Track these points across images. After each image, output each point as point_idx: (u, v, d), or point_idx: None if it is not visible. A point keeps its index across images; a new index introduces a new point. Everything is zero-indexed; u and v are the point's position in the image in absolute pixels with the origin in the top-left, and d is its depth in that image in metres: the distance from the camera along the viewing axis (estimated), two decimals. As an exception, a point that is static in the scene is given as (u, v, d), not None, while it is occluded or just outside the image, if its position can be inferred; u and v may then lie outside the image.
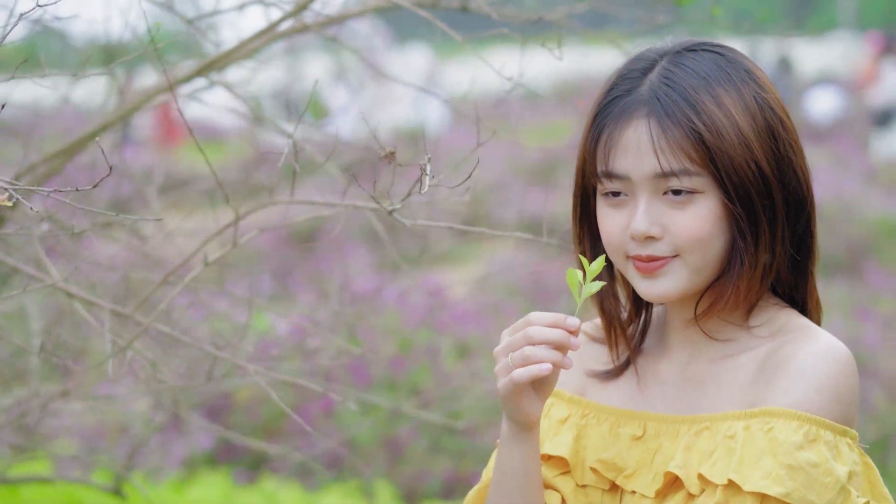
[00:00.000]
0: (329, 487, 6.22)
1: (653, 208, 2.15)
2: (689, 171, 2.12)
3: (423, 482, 6.38)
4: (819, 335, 2.15)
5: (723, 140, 2.11)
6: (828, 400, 2.09)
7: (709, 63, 2.17)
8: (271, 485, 6.10)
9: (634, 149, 2.14)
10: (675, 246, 2.15)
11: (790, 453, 2.05)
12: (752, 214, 2.13)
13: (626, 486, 2.23)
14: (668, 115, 2.13)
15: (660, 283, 2.17)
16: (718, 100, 2.13)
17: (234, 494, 5.92)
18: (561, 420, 2.33)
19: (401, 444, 6.50)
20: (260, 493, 5.92)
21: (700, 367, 2.24)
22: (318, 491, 6.21)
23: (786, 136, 2.17)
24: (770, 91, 2.18)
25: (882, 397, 7.08)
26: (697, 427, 2.17)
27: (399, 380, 6.84)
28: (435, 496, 6.32)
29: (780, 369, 2.13)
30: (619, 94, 2.18)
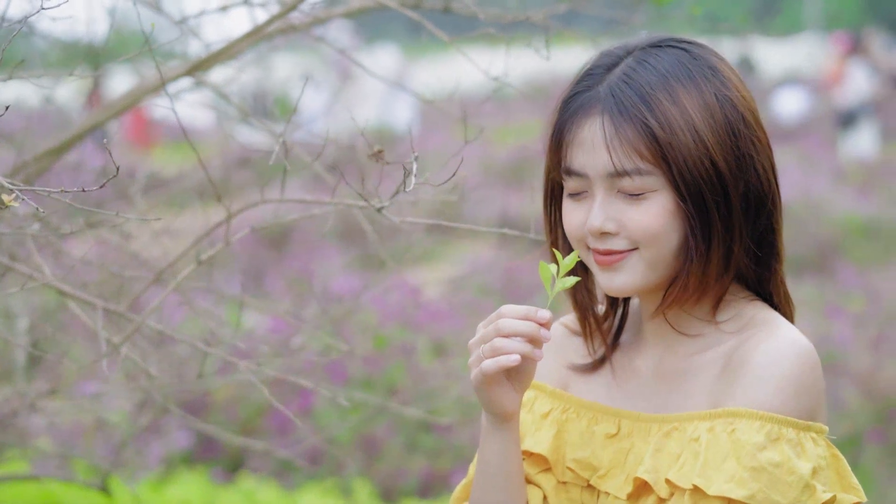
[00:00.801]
0: (307, 486, 6.24)
1: (608, 204, 2.16)
2: (641, 169, 2.13)
3: (400, 480, 6.41)
4: (780, 330, 2.16)
5: (676, 137, 2.11)
6: (789, 396, 2.09)
7: (671, 60, 2.17)
8: (250, 484, 6.12)
9: (589, 146, 2.16)
10: (631, 240, 2.17)
11: (752, 455, 2.06)
12: (704, 212, 2.13)
13: (599, 487, 2.25)
14: (621, 112, 2.14)
15: (618, 276, 2.19)
16: (675, 97, 2.13)
17: (213, 493, 5.93)
18: (543, 415, 2.35)
19: (377, 442, 6.53)
20: (238, 492, 5.93)
21: (672, 363, 2.25)
22: (296, 490, 6.23)
23: (747, 133, 2.16)
24: (734, 88, 2.18)
25: (854, 394, 7.13)
26: (667, 427, 2.19)
27: (375, 378, 6.86)
28: (412, 494, 6.35)
29: (742, 367, 2.13)
30: (581, 90, 2.20)
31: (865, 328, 8.36)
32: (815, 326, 8.35)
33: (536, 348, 2.15)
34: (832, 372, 7.49)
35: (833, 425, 6.25)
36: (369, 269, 10.60)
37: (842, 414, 6.98)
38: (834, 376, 7.41)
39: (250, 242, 11.66)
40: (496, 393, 2.19)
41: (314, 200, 2.79)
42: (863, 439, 6.87)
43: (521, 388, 2.22)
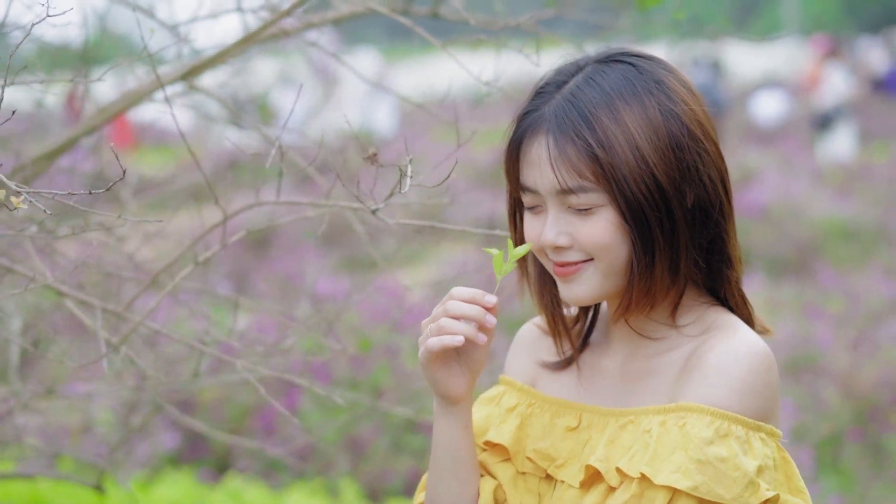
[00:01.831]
0: (293, 486, 6.28)
1: (560, 219, 2.23)
2: (584, 187, 2.19)
3: (386, 480, 6.46)
4: (738, 333, 2.22)
5: (616, 157, 2.17)
6: (741, 396, 2.15)
7: (617, 76, 2.22)
8: (237, 483, 6.15)
9: (538, 164, 2.23)
10: (585, 252, 2.23)
11: (700, 448, 2.12)
12: (646, 228, 2.19)
13: (556, 476, 2.32)
14: (564, 132, 2.19)
15: (575, 287, 2.26)
16: (617, 116, 2.18)
17: (200, 493, 5.97)
18: (510, 408, 2.43)
19: (363, 443, 6.57)
20: (225, 492, 5.96)
21: (636, 364, 2.33)
22: (283, 490, 6.27)
23: (693, 146, 2.21)
24: (681, 101, 2.23)
25: (834, 394, 7.19)
26: (623, 420, 2.26)
27: (360, 379, 6.90)
28: (398, 494, 6.40)
29: (697, 366, 2.20)
30: (532, 108, 2.26)
31: (845, 329, 8.43)
32: (795, 327, 8.42)
33: (482, 332, 2.22)
34: (813, 372, 7.57)
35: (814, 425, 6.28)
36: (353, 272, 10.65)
37: (822, 414, 7.05)
38: (814, 376, 7.49)
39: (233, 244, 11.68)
40: (442, 373, 2.27)
41: (309, 202, 2.83)
42: (843, 438, 6.93)
43: (470, 373, 2.30)
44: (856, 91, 20.91)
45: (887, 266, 11.05)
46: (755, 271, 11.18)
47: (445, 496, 2.39)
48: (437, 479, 2.38)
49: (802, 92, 23.26)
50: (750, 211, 12.69)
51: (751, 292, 8.35)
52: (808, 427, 6.89)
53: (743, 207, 12.82)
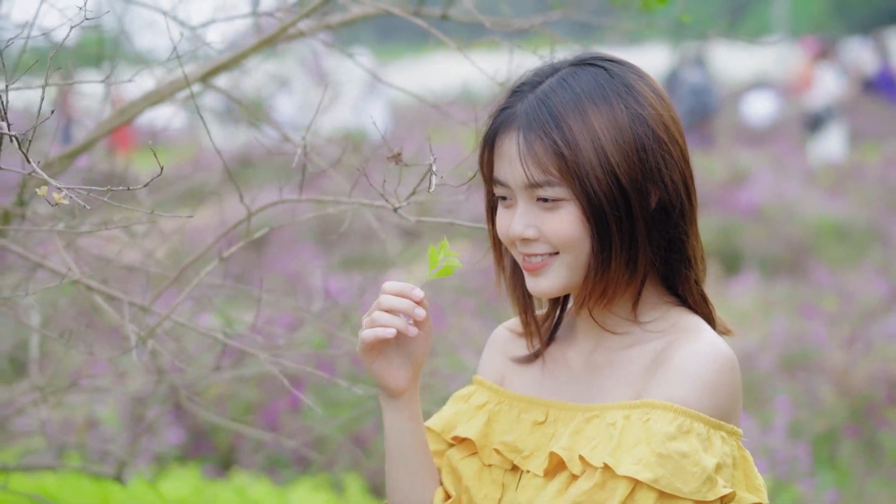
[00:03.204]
0: (297, 482, 6.35)
1: (528, 212, 2.33)
2: (550, 181, 2.28)
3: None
4: (702, 334, 2.33)
5: (580, 155, 2.26)
6: (704, 395, 2.25)
7: (588, 79, 2.32)
8: (242, 479, 6.21)
9: (508, 159, 2.33)
10: (551, 245, 2.33)
11: (662, 443, 2.21)
12: (604, 223, 2.29)
13: (523, 466, 2.41)
14: (533, 130, 2.29)
15: (542, 280, 2.37)
16: (584, 116, 2.28)
17: (206, 489, 6.02)
18: (479, 406, 2.53)
19: (366, 439, 6.63)
20: (231, 488, 6.02)
21: (601, 357, 2.42)
22: (287, 485, 6.33)
23: (657, 149, 2.30)
24: (649, 106, 2.32)
25: (829, 392, 7.27)
26: (588, 415, 2.35)
27: (362, 375, 6.96)
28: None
29: (663, 365, 2.30)
30: (507, 105, 2.36)
31: (839, 327, 8.51)
32: (789, 325, 8.50)
33: (415, 325, 2.35)
34: (808, 369, 7.65)
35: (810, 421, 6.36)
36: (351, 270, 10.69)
37: (818, 411, 7.13)
38: (809, 374, 7.57)
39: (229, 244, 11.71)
40: (381, 365, 2.39)
41: (332, 200, 2.90)
42: (839, 435, 7.01)
43: (412, 365, 2.42)
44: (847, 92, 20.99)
45: (879, 265, 11.13)
46: (749, 270, 11.26)
47: (400, 487, 2.50)
48: (390, 470, 2.50)
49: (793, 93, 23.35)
50: (743, 211, 12.78)
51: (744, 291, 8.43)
52: (803, 423, 6.96)
53: (736, 207, 12.91)
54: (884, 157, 17.31)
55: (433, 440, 2.55)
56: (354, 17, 3.65)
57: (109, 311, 2.84)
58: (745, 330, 9.01)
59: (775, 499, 5.98)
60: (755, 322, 9.25)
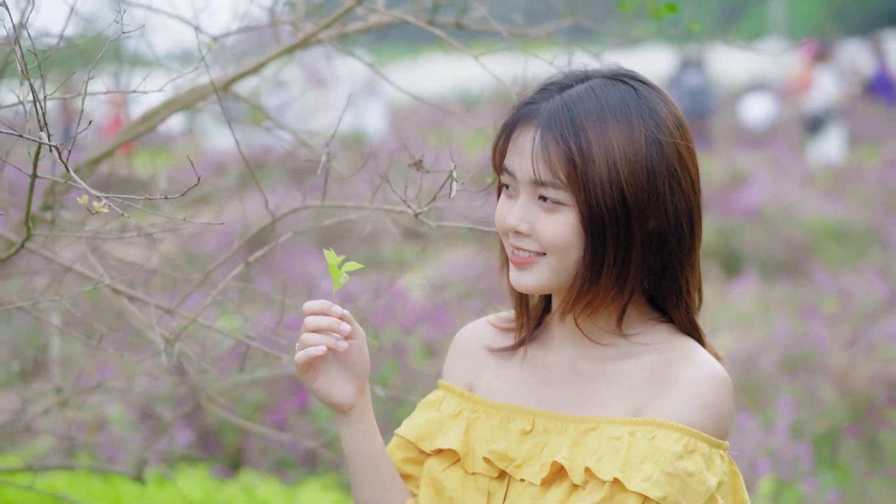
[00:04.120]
0: (305, 482, 6.40)
1: (527, 208, 2.37)
2: (556, 184, 2.32)
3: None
4: (704, 357, 2.38)
5: (592, 166, 2.30)
6: (707, 416, 2.32)
7: (616, 94, 2.35)
8: (251, 479, 6.27)
9: (521, 152, 2.37)
10: (541, 245, 2.37)
11: (670, 462, 2.27)
12: (601, 237, 2.32)
13: (515, 475, 2.43)
14: (552, 130, 2.33)
15: (525, 276, 2.40)
16: (604, 129, 2.31)
17: (215, 489, 6.08)
18: (453, 415, 2.55)
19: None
20: (240, 488, 6.08)
21: (587, 366, 2.45)
22: (295, 486, 6.39)
23: (667, 177, 2.33)
24: (668, 133, 2.35)
25: (831, 392, 7.34)
26: (584, 427, 2.39)
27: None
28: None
29: (668, 386, 2.35)
30: (533, 100, 2.40)
31: (839, 328, 8.58)
32: (790, 326, 8.58)
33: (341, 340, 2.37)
34: (810, 370, 7.72)
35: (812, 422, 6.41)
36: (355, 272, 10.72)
37: (820, 411, 7.20)
38: (810, 374, 7.64)
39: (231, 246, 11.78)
40: (322, 383, 2.43)
41: (354, 206, 2.97)
42: (840, 435, 7.08)
43: (355, 378, 2.45)
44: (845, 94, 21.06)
45: (879, 267, 11.21)
46: (748, 272, 11.33)
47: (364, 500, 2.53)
48: (353, 485, 2.53)
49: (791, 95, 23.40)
50: (742, 212, 12.84)
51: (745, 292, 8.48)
52: (804, 424, 7.03)
53: (735, 209, 12.97)
54: (882, 159, 17.37)
55: (404, 448, 2.57)
56: (371, 25, 3.72)
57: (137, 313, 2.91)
58: (746, 331, 9.08)
59: (779, 499, 6.06)
60: (756, 323, 9.33)
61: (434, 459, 2.53)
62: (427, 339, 7.85)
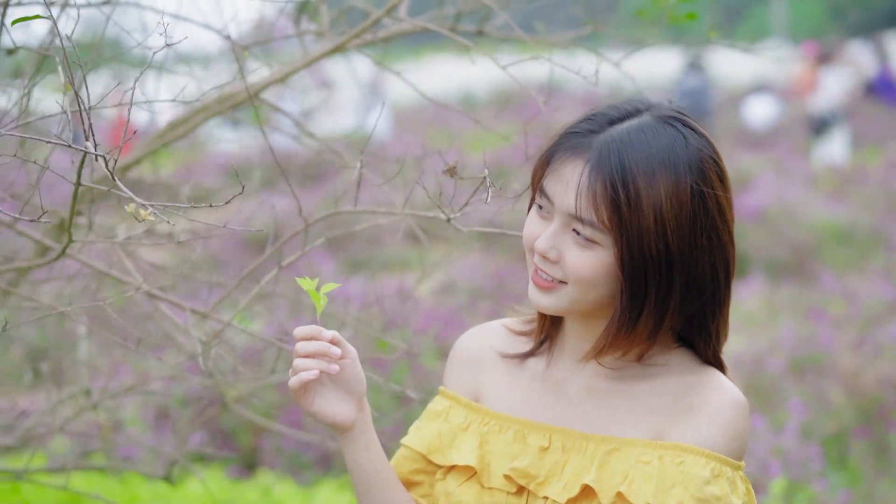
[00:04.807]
0: (320, 482, 6.45)
1: (559, 235, 2.38)
2: (595, 224, 2.33)
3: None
4: (725, 383, 2.42)
5: (638, 215, 2.31)
6: (730, 441, 2.38)
7: (667, 141, 2.35)
8: (267, 479, 6.32)
9: (564, 183, 2.36)
10: (564, 274, 2.38)
11: (700, 487, 2.33)
12: (641, 284, 2.34)
13: (538, 492, 2.45)
14: (601, 172, 2.32)
15: (543, 298, 2.42)
16: (652, 180, 2.31)
17: (231, 489, 6.12)
18: (462, 427, 2.56)
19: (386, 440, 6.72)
20: (257, 488, 6.12)
21: (603, 385, 2.48)
22: (311, 486, 6.44)
23: (708, 230, 2.35)
24: (712, 186, 2.35)
25: (839, 394, 7.40)
26: (607, 447, 2.42)
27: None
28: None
29: (692, 411, 2.40)
30: (584, 130, 2.39)
31: (846, 330, 8.63)
32: (797, 328, 8.63)
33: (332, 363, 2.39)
34: (818, 373, 7.77)
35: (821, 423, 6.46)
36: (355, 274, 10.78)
37: (829, 413, 7.25)
38: (820, 377, 7.70)
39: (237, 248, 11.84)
40: (319, 405, 2.43)
41: (386, 211, 3.02)
42: (849, 437, 7.13)
43: (352, 397, 2.46)
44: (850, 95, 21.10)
45: (884, 269, 11.27)
46: (754, 273, 11.38)
47: None
48: (358, 500, 2.55)
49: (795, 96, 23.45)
50: (747, 214, 12.89)
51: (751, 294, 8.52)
52: (813, 425, 7.08)
53: (739, 211, 13.01)
54: (885, 162, 17.42)
55: (413, 459, 2.59)
56: (394, 32, 3.77)
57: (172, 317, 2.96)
58: (754, 333, 9.13)
59: (791, 499, 6.11)
60: (763, 325, 9.38)
61: (450, 476, 2.54)
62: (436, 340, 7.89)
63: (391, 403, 6.60)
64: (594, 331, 2.46)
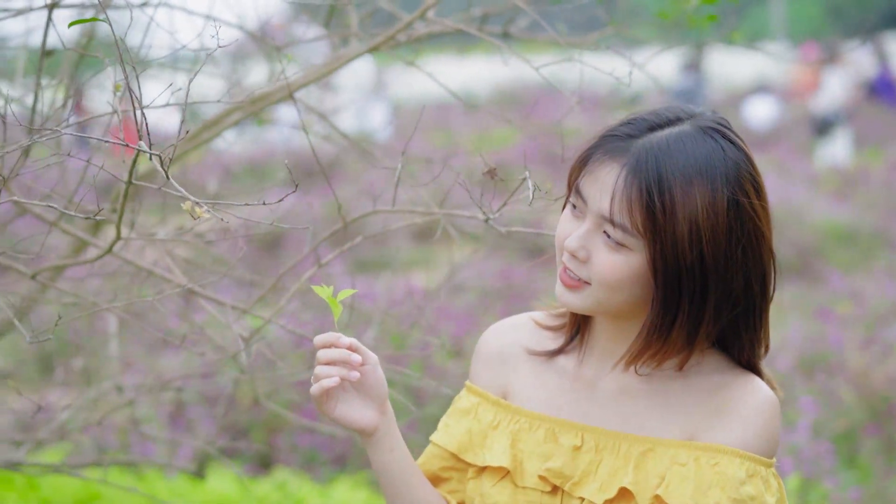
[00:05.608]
0: (336, 480, 6.49)
1: (590, 235, 2.39)
2: (627, 229, 2.34)
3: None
4: (760, 384, 2.44)
5: (673, 224, 2.32)
6: (763, 441, 2.42)
7: (706, 151, 2.35)
8: (283, 476, 6.35)
9: (600, 185, 2.37)
10: (590, 274, 2.40)
11: (736, 488, 2.37)
12: (675, 291, 2.36)
13: (573, 493, 2.48)
14: (637, 178, 2.33)
15: (568, 296, 2.44)
16: (688, 187, 2.32)
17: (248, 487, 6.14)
18: (492, 426, 2.58)
19: (402, 437, 6.75)
20: (273, 485, 6.14)
21: (635, 384, 2.50)
22: (326, 483, 6.47)
23: (745, 242, 2.35)
24: (751, 197, 2.36)
25: (849, 392, 7.45)
26: (641, 448, 2.45)
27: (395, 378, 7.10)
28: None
29: (724, 412, 2.43)
30: (623, 134, 2.40)
31: (854, 329, 8.68)
32: (805, 328, 8.68)
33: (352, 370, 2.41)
34: (828, 371, 7.82)
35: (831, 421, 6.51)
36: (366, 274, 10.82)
37: (839, 411, 7.30)
38: (829, 375, 7.74)
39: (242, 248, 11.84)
40: (342, 411, 2.47)
41: (422, 211, 3.07)
42: (859, 435, 7.18)
43: (374, 401, 2.48)
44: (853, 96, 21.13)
45: (889, 268, 11.32)
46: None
47: None
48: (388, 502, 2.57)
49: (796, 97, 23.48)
50: (751, 215, 12.88)
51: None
52: (823, 423, 7.13)
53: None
54: (888, 163, 17.45)
55: (443, 458, 2.61)
56: (424, 34, 3.82)
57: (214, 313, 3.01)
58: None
59: (805, 497, 6.16)
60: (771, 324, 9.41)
61: (484, 476, 2.56)
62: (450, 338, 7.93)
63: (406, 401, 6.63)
64: (624, 333, 2.48)
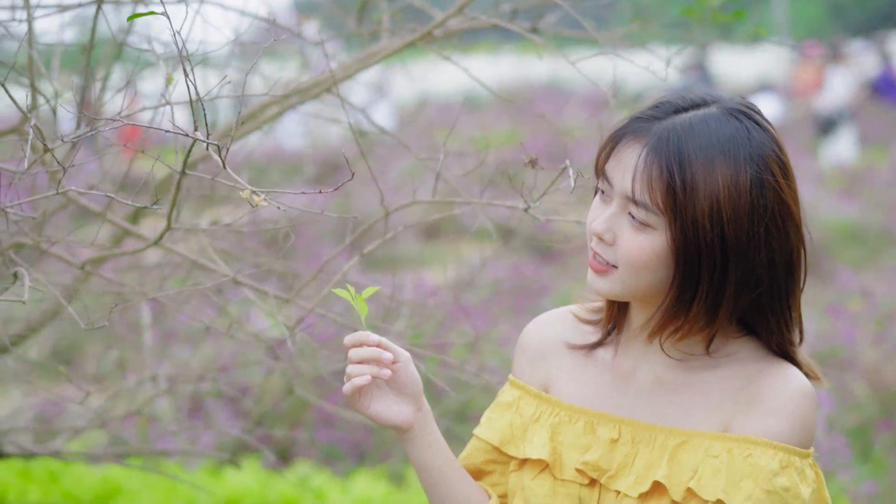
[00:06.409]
0: (354, 473, 6.54)
1: (616, 218, 2.40)
2: (649, 207, 2.35)
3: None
4: (794, 372, 2.42)
5: (693, 201, 2.32)
6: (798, 431, 2.39)
7: (729, 131, 2.36)
8: (304, 469, 6.40)
9: (623, 166, 2.39)
10: (616, 257, 2.41)
11: (769, 479, 2.36)
12: (695, 269, 2.36)
13: (609, 486, 2.48)
14: (658, 156, 2.34)
15: (597, 281, 2.45)
16: (710, 166, 2.33)
17: (269, 479, 6.20)
18: (533, 418, 2.59)
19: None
20: (294, 478, 6.19)
21: (671, 376, 2.50)
22: (346, 477, 6.52)
23: (767, 221, 2.34)
24: (776, 175, 2.37)
25: (863, 387, 7.49)
26: (675, 440, 2.45)
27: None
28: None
29: (757, 401, 2.41)
30: (648, 116, 2.41)
31: (866, 325, 8.72)
32: (817, 324, 8.72)
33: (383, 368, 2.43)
34: (840, 367, 7.87)
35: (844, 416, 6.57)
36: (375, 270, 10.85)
37: (852, 406, 7.35)
38: (842, 371, 7.79)
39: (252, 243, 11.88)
40: (377, 408, 2.49)
41: (463, 201, 3.12)
42: (873, 429, 7.22)
43: (408, 399, 2.50)
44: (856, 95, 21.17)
45: (895, 266, 11.38)
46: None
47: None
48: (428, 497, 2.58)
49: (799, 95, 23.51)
50: (757, 213, 12.92)
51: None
52: (837, 418, 7.17)
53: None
54: (892, 161, 17.48)
55: (486, 451, 2.62)
56: (456, 29, 3.87)
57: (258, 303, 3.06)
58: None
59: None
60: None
61: (525, 469, 2.57)
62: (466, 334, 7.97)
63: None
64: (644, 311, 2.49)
